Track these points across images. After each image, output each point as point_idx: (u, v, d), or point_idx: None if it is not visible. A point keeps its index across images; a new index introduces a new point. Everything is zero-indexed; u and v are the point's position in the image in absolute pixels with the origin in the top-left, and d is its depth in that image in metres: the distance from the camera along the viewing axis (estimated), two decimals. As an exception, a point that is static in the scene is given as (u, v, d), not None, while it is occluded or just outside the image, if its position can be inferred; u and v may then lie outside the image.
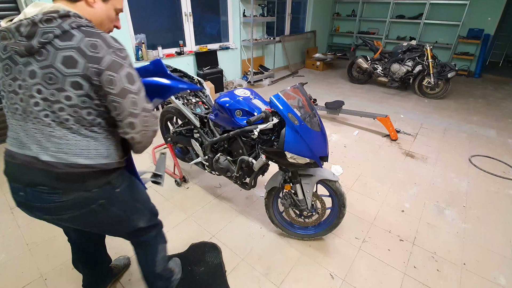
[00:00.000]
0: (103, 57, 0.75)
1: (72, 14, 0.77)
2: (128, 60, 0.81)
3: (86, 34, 0.75)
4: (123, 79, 0.79)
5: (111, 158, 0.91)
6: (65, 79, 0.75)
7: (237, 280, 1.62)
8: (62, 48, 0.73)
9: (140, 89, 0.84)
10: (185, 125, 2.37)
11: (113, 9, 0.91)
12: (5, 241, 1.87)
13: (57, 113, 0.78)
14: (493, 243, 1.92)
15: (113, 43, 0.79)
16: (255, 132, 1.41)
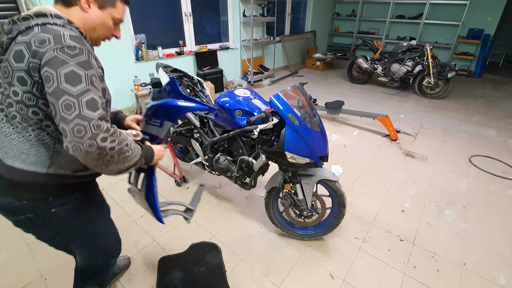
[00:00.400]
0: (45, 52, 0.70)
1: (50, 14, 0.77)
2: (78, 59, 0.72)
3: (43, 30, 0.73)
4: (61, 77, 0.69)
5: (53, 168, 0.82)
6: (14, 73, 0.74)
7: (237, 280, 1.62)
8: (18, 43, 0.74)
9: (82, 93, 0.70)
10: (185, 125, 2.37)
11: (110, 18, 0.89)
12: (5, 241, 1.87)
13: (7, 109, 0.77)
14: (493, 243, 1.92)
15: (64, 39, 0.72)
16: (255, 132, 1.41)
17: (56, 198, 0.86)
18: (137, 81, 3.64)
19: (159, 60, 4.12)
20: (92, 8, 0.84)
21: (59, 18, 0.78)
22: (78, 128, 0.68)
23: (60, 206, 0.88)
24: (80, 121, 0.68)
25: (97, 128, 0.69)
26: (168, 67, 2.57)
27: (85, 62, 0.73)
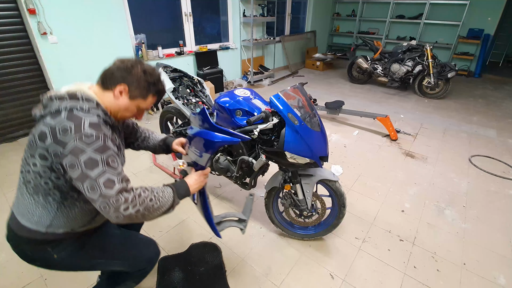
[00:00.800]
0: (67, 143, 0.81)
1: (81, 97, 0.89)
2: (95, 145, 0.83)
3: (68, 117, 0.84)
4: (82, 164, 0.81)
5: (52, 229, 0.95)
6: (37, 149, 0.85)
7: (237, 280, 1.62)
8: (45, 124, 0.84)
9: (100, 175, 0.82)
10: (185, 125, 2.37)
11: (135, 106, 1.00)
12: (5, 241, 1.86)
13: (26, 174, 0.91)
14: (493, 243, 1.92)
15: (83, 128, 0.83)
16: (255, 132, 1.41)
17: (54, 247, 0.98)
18: (137, 81, 3.64)
19: (159, 60, 4.12)
20: (123, 97, 0.96)
21: (88, 101, 0.89)
22: (104, 205, 0.82)
23: (61, 252, 1.00)
24: (102, 199, 0.81)
25: (117, 202, 0.82)
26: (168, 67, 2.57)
27: (100, 147, 0.84)
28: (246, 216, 1.51)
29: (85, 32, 3.24)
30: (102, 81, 0.96)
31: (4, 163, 2.74)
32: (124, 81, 0.94)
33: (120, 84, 0.94)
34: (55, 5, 2.93)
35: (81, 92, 0.90)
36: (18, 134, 3.25)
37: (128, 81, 0.95)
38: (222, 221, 1.47)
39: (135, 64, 0.96)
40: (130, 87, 0.95)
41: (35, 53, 3.10)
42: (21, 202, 0.95)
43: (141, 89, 0.97)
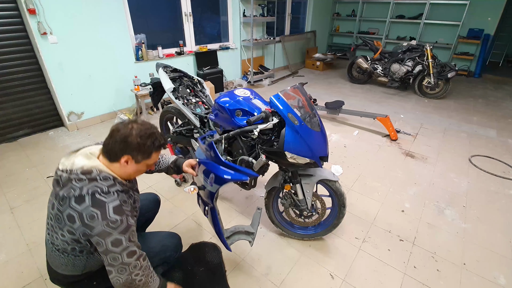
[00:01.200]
0: (95, 227, 0.94)
1: (98, 178, 0.99)
2: (120, 228, 0.97)
3: (93, 203, 0.95)
4: (108, 244, 0.96)
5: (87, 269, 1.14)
6: (65, 226, 0.99)
7: (237, 280, 1.62)
8: (72, 208, 0.96)
9: (124, 249, 0.98)
10: (185, 125, 2.37)
11: (144, 166, 1.10)
12: (5, 241, 1.87)
13: (55, 239, 1.05)
14: (493, 243, 1.92)
15: (109, 215, 0.95)
16: (255, 132, 1.41)
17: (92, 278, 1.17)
18: (137, 81, 3.64)
19: (159, 60, 4.12)
20: (130, 164, 1.05)
21: (105, 180, 1.00)
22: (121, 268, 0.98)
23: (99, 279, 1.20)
24: (122, 265, 0.98)
25: (134, 268, 1.01)
26: (168, 67, 2.57)
27: (124, 228, 0.98)
28: (254, 229, 1.58)
29: (85, 32, 3.24)
30: (107, 156, 1.04)
31: (4, 163, 2.74)
32: (125, 153, 1.02)
33: (123, 156, 1.02)
34: (55, 5, 2.93)
35: (96, 170, 1.00)
36: (18, 134, 3.25)
37: (129, 152, 1.02)
38: (233, 234, 1.56)
39: (129, 132, 1.01)
40: (133, 156, 1.04)
41: (35, 53, 3.10)
42: (53, 257, 1.10)
43: (143, 153, 1.05)
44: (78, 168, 0.98)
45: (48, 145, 3.12)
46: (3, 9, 2.80)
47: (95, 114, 3.66)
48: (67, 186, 0.97)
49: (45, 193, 2.32)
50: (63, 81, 3.24)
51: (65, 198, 0.97)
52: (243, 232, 1.57)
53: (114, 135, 1.02)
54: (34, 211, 2.12)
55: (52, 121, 3.50)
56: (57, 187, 1.00)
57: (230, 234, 1.56)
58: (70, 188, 0.96)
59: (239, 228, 1.59)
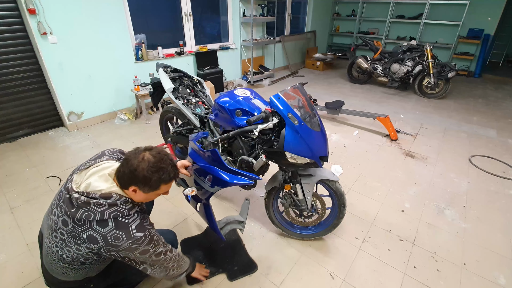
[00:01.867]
0: (121, 245, 1.00)
1: (119, 202, 1.01)
2: (145, 242, 1.05)
3: (116, 226, 1.00)
4: (137, 255, 1.05)
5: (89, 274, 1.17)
6: (84, 243, 1.00)
7: (237, 280, 1.62)
8: (95, 230, 0.98)
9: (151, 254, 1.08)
10: (185, 125, 2.37)
11: (153, 195, 1.10)
12: (5, 241, 1.87)
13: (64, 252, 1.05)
14: (493, 243, 1.92)
15: (133, 234, 1.02)
16: (255, 132, 1.41)
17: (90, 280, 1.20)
18: (137, 81, 3.64)
19: (159, 60, 4.12)
20: (138, 193, 1.06)
21: (125, 204, 1.03)
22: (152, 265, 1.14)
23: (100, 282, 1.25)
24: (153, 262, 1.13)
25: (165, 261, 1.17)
26: (168, 67, 2.57)
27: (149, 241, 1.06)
28: (244, 218, 1.65)
29: (85, 32, 3.24)
30: (119, 182, 1.06)
31: (4, 163, 2.74)
32: (132, 183, 1.03)
33: (131, 186, 1.03)
34: (55, 5, 2.93)
35: (116, 194, 1.02)
36: (18, 134, 3.25)
37: (136, 183, 1.03)
38: (226, 225, 1.65)
39: (138, 164, 1.01)
40: (139, 187, 1.04)
41: (35, 53, 3.10)
42: (55, 266, 1.10)
43: (150, 186, 1.05)
44: (96, 192, 1.00)
45: (48, 145, 3.12)
46: (3, 9, 2.80)
47: (95, 114, 3.66)
48: (85, 209, 0.98)
49: (45, 193, 2.32)
50: (63, 81, 3.24)
51: (84, 221, 0.98)
52: (234, 221, 1.66)
53: (124, 164, 1.03)
54: (34, 211, 2.12)
55: (52, 121, 3.50)
56: (70, 206, 0.99)
57: (223, 225, 1.64)
58: (89, 211, 0.98)
59: (230, 219, 1.67)
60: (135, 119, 3.85)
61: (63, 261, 1.07)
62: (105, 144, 3.15)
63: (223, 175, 1.34)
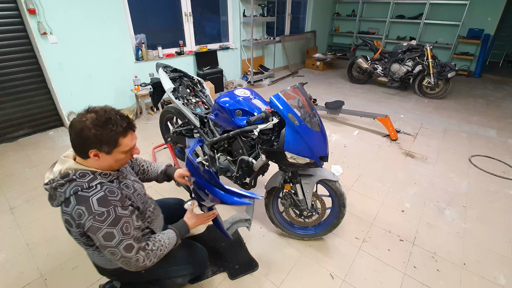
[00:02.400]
0: (84, 223, 0.93)
1: (77, 175, 0.96)
2: (109, 220, 0.94)
3: (78, 202, 0.94)
4: (100, 239, 0.94)
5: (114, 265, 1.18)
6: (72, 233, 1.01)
7: (237, 280, 1.62)
8: (64, 213, 0.96)
9: (119, 243, 0.96)
10: (185, 125, 2.37)
11: (120, 154, 1.01)
12: (5, 241, 1.87)
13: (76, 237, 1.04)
14: (493, 243, 1.92)
15: (94, 208, 0.93)
16: (255, 132, 1.41)
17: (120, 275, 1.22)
18: (137, 81, 3.64)
19: (159, 60, 4.12)
20: (101, 157, 0.98)
21: (83, 177, 0.97)
22: (125, 262, 1.00)
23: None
24: (123, 259, 0.98)
25: (137, 261, 1.00)
26: (168, 67, 2.57)
27: (113, 220, 0.95)
28: (249, 215, 1.64)
29: (85, 32, 3.24)
30: (77, 154, 1.00)
31: (4, 163, 2.74)
32: (89, 147, 0.94)
33: (90, 151, 0.95)
34: (55, 5, 2.93)
35: (72, 170, 0.97)
36: (18, 134, 3.25)
37: (90, 145, 0.94)
38: (232, 224, 1.64)
39: (83, 125, 0.92)
40: (97, 148, 0.95)
41: (35, 53, 3.10)
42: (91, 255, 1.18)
43: (106, 142, 0.95)
44: (57, 175, 0.96)
45: (48, 145, 3.11)
46: (3, 9, 2.80)
47: (95, 114, 3.66)
48: (56, 196, 0.97)
49: (45, 193, 2.31)
50: (63, 81, 3.24)
51: (60, 208, 0.98)
52: (240, 220, 1.64)
53: (70, 132, 0.95)
54: (34, 211, 2.12)
55: (52, 121, 3.50)
56: (51, 201, 1.00)
57: (229, 225, 1.62)
58: (58, 196, 0.96)
59: (236, 218, 1.65)
60: (135, 119, 3.85)
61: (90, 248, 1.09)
62: (105, 144, 3.15)
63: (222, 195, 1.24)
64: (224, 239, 1.85)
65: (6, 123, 3.13)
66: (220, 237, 1.86)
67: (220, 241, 1.84)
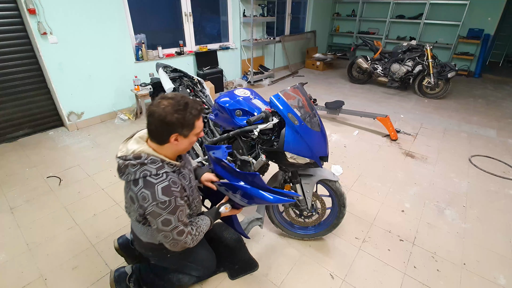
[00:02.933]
0: (146, 207, 1.04)
1: (148, 161, 1.06)
2: (169, 209, 1.05)
3: (145, 185, 1.04)
4: (159, 223, 1.06)
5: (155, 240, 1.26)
6: (131, 206, 1.13)
7: (237, 280, 1.62)
8: (131, 190, 1.07)
9: (173, 229, 1.08)
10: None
11: (193, 137, 1.13)
12: (5, 241, 1.87)
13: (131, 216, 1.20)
14: (493, 243, 1.92)
15: (158, 196, 1.03)
16: (255, 132, 1.41)
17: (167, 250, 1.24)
18: (137, 81, 3.64)
19: (159, 60, 4.12)
20: (180, 140, 1.09)
21: (153, 163, 1.06)
22: (173, 244, 1.12)
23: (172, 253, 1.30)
24: (173, 241, 1.11)
25: (185, 243, 1.14)
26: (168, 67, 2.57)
27: (173, 208, 1.06)
28: (261, 214, 1.75)
29: (85, 32, 3.24)
30: (155, 141, 1.09)
31: (4, 163, 2.74)
32: (172, 132, 1.05)
33: (171, 136, 1.06)
34: (55, 5, 2.93)
35: (145, 154, 1.07)
36: (18, 134, 3.25)
37: (174, 130, 1.05)
38: (248, 224, 1.75)
39: (164, 111, 1.01)
40: (179, 132, 1.06)
41: (35, 53, 3.10)
42: (136, 226, 1.26)
43: (187, 125, 1.07)
44: (130, 154, 1.06)
45: (48, 145, 3.12)
46: (3, 9, 2.80)
47: (95, 114, 3.66)
48: (125, 172, 1.07)
49: (45, 193, 2.33)
50: (63, 81, 3.24)
51: (127, 183, 1.09)
52: (254, 220, 1.74)
53: (151, 120, 1.04)
54: (34, 211, 2.12)
55: (52, 121, 3.50)
56: (119, 173, 1.11)
57: (246, 226, 1.74)
58: (128, 173, 1.06)
59: (250, 219, 1.76)
60: (135, 119, 3.85)
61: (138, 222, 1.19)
62: (105, 144, 3.15)
63: (267, 195, 1.32)
64: (224, 239, 1.83)
65: (6, 123, 3.13)
66: (220, 237, 1.85)
67: (220, 241, 1.83)
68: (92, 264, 1.70)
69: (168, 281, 1.44)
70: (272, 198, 1.32)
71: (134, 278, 1.43)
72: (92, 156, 2.89)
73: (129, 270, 1.45)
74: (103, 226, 1.99)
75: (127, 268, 1.46)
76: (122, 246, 1.57)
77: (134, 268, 1.46)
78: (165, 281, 1.43)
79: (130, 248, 1.58)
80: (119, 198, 2.28)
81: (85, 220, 2.05)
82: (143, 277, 1.43)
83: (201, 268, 1.48)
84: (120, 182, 2.46)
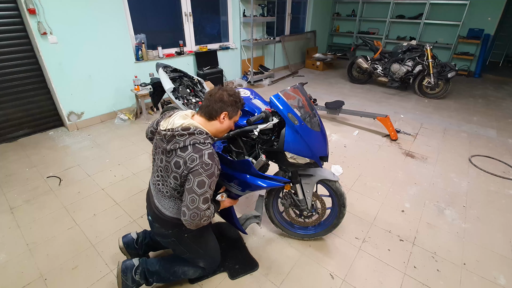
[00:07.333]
0: (193, 167, 1.15)
1: (196, 132, 1.20)
2: (208, 172, 1.16)
3: (194, 150, 1.17)
4: (195, 182, 1.15)
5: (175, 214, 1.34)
6: (172, 173, 1.21)
7: (237, 280, 1.62)
8: (178, 156, 1.18)
9: (203, 193, 1.16)
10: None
11: (233, 122, 1.33)
12: (5, 241, 1.87)
13: (164, 186, 1.29)
14: (493, 243, 1.92)
15: (205, 158, 1.16)
16: (255, 132, 1.41)
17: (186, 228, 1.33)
18: (137, 81, 3.64)
19: (159, 60, 4.12)
20: (226, 120, 1.28)
21: (201, 134, 1.21)
22: (194, 215, 1.17)
23: (189, 233, 1.40)
24: (196, 210, 1.17)
25: (203, 215, 1.19)
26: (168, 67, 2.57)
27: (211, 173, 1.17)
28: (259, 212, 1.78)
29: (85, 32, 3.24)
30: (207, 116, 1.26)
31: (4, 163, 2.74)
32: (223, 109, 1.25)
33: (222, 113, 1.25)
34: (55, 5, 2.93)
35: (193, 126, 1.21)
36: (18, 134, 3.25)
37: (226, 108, 1.25)
38: (246, 220, 1.77)
39: (222, 93, 1.25)
40: (229, 111, 1.27)
41: (35, 53, 3.10)
42: (162, 201, 1.33)
43: (234, 109, 1.29)
44: (178, 126, 1.20)
45: (48, 145, 3.12)
46: (3, 9, 2.80)
47: (95, 114, 3.66)
48: (172, 142, 1.19)
49: (45, 193, 2.33)
50: (63, 81, 3.24)
51: (172, 151, 1.19)
52: (251, 217, 1.78)
53: (210, 98, 1.25)
54: (34, 211, 2.12)
55: (52, 121, 3.50)
56: (163, 143, 1.22)
57: (244, 222, 1.76)
58: (175, 142, 1.18)
59: (248, 215, 1.79)
60: (135, 119, 3.85)
61: (163, 195, 1.30)
62: (105, 144, 3.15)
63: (259, 181, 1.44)
64: (224, 239, 1.85)
65: (6, 123, 3.13)
66: (220, 237, 1.86)
67: (220, 241, 1.83)
68: (92, 264, 1.70)
69: (174, 273, 1.47)
70: (264, 184, 1.44)
71: (140, 270, 1.46)
72: (92, 156, 2.89)
73: (136, 262, 1.49)
74: (103, 226, 1.99)
75: (134, 260, 1.49)
76: (126, 245, 1.60)
77: (141, 260, 1.50)
78: (170, 273, 1.47)
79: (134, 247, 1.61)
80: (119, 198, 2.28)
81: (85, 220, 2.05)
82: (149, 269, 1.46)
83: (208, 258, 1.53)
84: (120, 182, 2.46)
